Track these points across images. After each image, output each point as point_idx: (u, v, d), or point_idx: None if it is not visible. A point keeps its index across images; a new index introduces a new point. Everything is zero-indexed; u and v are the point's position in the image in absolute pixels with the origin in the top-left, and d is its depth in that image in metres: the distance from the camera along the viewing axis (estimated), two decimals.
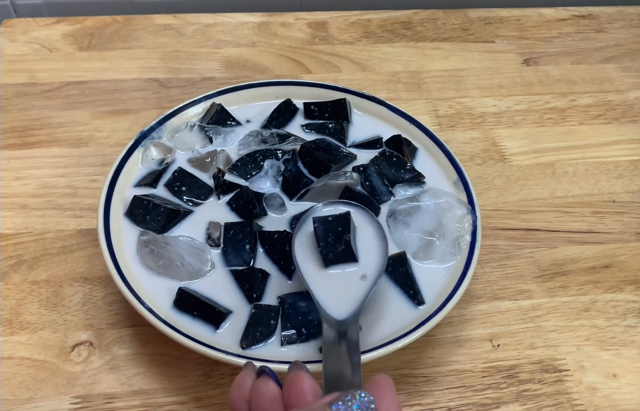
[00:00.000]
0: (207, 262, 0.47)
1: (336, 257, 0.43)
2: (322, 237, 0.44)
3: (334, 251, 0.43)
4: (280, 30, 0.78)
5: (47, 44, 0.74)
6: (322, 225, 0.44)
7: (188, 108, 0.59)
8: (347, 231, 0.44)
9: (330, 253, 0.43)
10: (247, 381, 0.31)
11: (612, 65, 0.77)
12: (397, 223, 0.50)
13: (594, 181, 0.62)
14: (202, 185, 0.53)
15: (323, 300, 0.41)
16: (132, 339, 0.47)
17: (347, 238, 0.43)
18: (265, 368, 0.31)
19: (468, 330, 0.49)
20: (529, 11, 0.85)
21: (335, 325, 0.39)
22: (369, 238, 0.45)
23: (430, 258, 0.48)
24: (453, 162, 0.55)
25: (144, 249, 0.47)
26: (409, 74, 0.73)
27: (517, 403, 0.45)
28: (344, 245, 0.43)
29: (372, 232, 0.45)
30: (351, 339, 0.37)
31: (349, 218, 0.45)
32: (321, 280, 0.43)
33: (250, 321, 0.43)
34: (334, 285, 0.43)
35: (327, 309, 0.41)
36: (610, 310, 0.51)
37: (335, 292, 0.42)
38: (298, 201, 0.52)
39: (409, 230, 0.49)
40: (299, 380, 0.30)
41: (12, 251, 0.52)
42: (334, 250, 0.43)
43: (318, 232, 0.44)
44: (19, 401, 0.44)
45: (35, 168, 0.59)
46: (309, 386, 0.30)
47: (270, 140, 0.56)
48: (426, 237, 0.49)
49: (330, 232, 0.44)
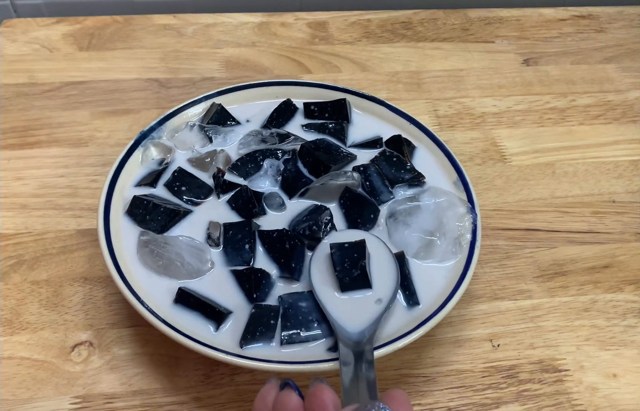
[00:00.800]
0: (207, 261, 0.47)
1: (352, 282, 0.45)
2: (339, 262, 0.45)
3: (350, 276, 0.45)
4: (280, 30, 0.78)
5: (47, 44, 0.74)
6: (339, 251, 0.46)
7: (188, 108, 0.59)
8: (363, 257, 0.45)
9: (346, 278, 0.45)
10: (271, 393, 0.33)
11: (612, 65, 0.77)
12: (397, 224, 0.50)
13: (594, 181, 0.62)
14: (201, 184, 0.53)
15: (340, 321, 0.43)
16: (132, 339, 0.47)
17: (362, 263, 0.45)
18: (289, 382, 0.33)
19: (468, 330, 0.49)
20: (529, 11, 0.85)
21: (351, 346, 0.40)
22: (382, 264, 0.47)
23: (431, 257, 0.48)
24: (453, 162, 0.55)
25: (143, 249, 0.47)
26: (409, 74, 0.73)
27: (517, 403, 0.45)
28: (360, 270, 0.45)
29: (384, 258, 0.47)
30: (367, 358, 0.39)
31: (364, 245, 0.46)
32: (337, 303, 0.44)
33: (250, 321, 0.43)
34: (349, 308, 0.44)
35: (344, 329, 0.42)
36: (610, 310, 0.51)
37: (350, 314, 0.43)
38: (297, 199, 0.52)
39: (409, 230, 0.49)
40: (321, 392, 0.31)
41: (12, 251, 0.52)
42: (350, 275, 0.45)
43: (335, 258, 0.45)
44: (19, 401, 0.44)
45: (35, 168, 0.59)
46: (330, 398, 0.31)
47: (270, 139, 0.56)
48: (427, 237, 0.49)
49: (346, 257, 0.45)
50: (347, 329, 0.42)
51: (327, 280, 0.45)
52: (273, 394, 0.33)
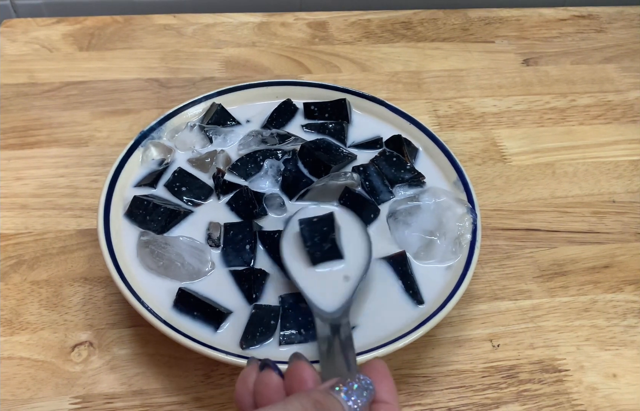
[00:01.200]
0: (207, 262, 0.47)
1: (323, 255, 0.45)
2: (309, 237, 0.46)
3: (321, 250, 0.45)
4: (280, 31, 0.78)
5: (47, 44, 0.74)
6: (308, 226, 0.46)
7: (188, 108, 0.59)
8: (332, 230, 0.46)
9: (317, 252, 0.45)
10: (252, 375, 0.33)
11: (612, 65, 0.77)
12: (397, 223, 0.50)
13: (594, 181, 0.62)
14: (202, 185, 0.53)
15: (313, 296, 0.43)
16: (132, 339, 0.47)
17: (332, 236, 0.45)
18: (268, 362, 0.33)
19: (468, 330, 0.49)
20: (529, 11, 0.85)
21: (327, 320, 0.40)
22: (353, 236, 0.47)
23: (431, 257, 0.48)
24: (453, 162, 0.55)
25: (144, 249, 0.47)
26: (409, 74, 0.73)
27: (517, 403, 0.45)
28: (330, 243, 0.45)
29: (355, 230, 0.48)
30: (344, 333, 0.39)
31: (332, 218, 0.47)
32: (310, 278, 0.44)
33: (250, 322, 0.43)
34: (322, 282, 0.44)
35: (318, 304, 0.42)
36: (610, 310, 0.51)
37: (324, 288, 0.44)
38: (298, 201, 0.52)
39: (409, 229, 0.49)
40: (300, 369, 0.31)
41: (12, 251, 0.52)
42: (320, 249, 0.45)
43: (304, 233, 0.46)
44: (19, 402, 0.44)
45: (35, 168, 0.59)
46: (309, 374, 0.31)
47: (270, 140, 0.56)
48: (427, 237, 0.49)
49: (315, 232, 0.46)
50: (321, 303, 0.42)
51: (299, 255, 0.46)
52: (254, 376, 0.33)
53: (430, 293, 0.46)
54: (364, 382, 0.30)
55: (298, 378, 0.31)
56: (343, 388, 0.29)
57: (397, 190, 0.53)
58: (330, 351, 0.37)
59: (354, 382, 0.30)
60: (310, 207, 0.50)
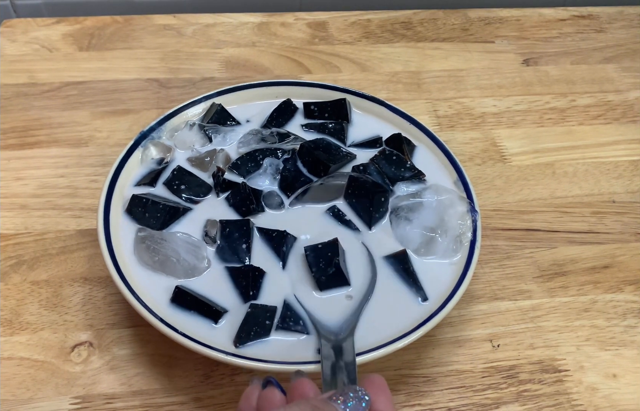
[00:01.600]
0: (203, 258, 0.47)
1: (328, 281, 0.46)
2: (314, 262, 0.46)
3: (326, 274, 0.46)
4: (280, 31, 0.78)
5: (47, 44, 0.74)
6: (313, 253, 0.47)
7: (188, 108, 0.59)
8: (336, 255, 0.46)
9: (322, 277, 0.46)
10: (255, 393, 0.34)
11: (612, 65, 0.77)
12: (399, 219, 0.50)
13: (593, 181, 0.62)
14: (201, 183, 0.53)
15: (319, 318, 0.44)
16: (132, 339, 0.47)
17: (336, 261, 0.46)
18: (271, 379, 0.34)
19: (468, 330, 0.49)
20: (528, 11, 0.85)
21: (331, 341, 0.41)
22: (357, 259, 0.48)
23: (431, 254, 0.48)
24: (453, 162, 0.55)
25: (140, 245, 0.47)
26: (408, 74, 0.73)
27: (517, 403, 0.45)
28: (334, 268, 0.46)
29: (359, 253, 0.49)
30: (347, 353, 0.40)
31: (336, 244, 0.47)
32: (315, 301, 0.45)
33: (245, 320, 0.43)
34: (326, 305, 0.45)
35: (323, 325, 0.43)
36: (610, 310, 0.51)
37: (328, 310, 0.45)
38: (297, 201, 0.52)
39: (410, 225, 0.50)
40: (302, 386, 0.32)
41: (12, 251, 0.52)
42: (325, 273, 0.46)
43: (310, 259, 0.47)
44: (19, 402, 0.44)
45: (35, 169, 0.59)
46: (311, 390, 0.32)
47: (270, 139, 0.56)
48: (428, 233, 0.49)
49: (321, 258, 0.47)
50: (325, 325, 0.43)
51: (305, 279, 0.47)
52: (257, 393, 0.34)
53: (434, 290, 0.46)
54: (361, 394, 0.31)
55: (300, 393, 0.32)
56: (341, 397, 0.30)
57: (399, 187, 0.53)
58: (333, 372, 0.38)
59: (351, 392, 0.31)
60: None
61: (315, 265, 0.46)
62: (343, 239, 0.48)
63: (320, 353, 0.40)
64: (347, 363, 0.39)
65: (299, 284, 0.46)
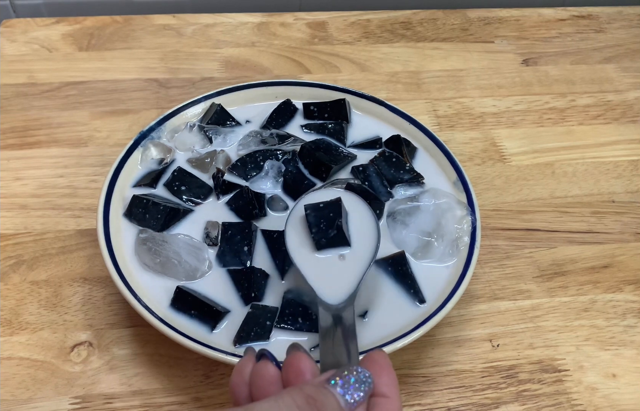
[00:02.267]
0: (205, 260, 0.47)
1: (329, 242, 0.43)
2: (314, 222, 0.44)
3: (327, 236, 0.43)
4: (280, 31, 0.78)
5: (46, 44, 0.74)
6: (314, 212, 0.45)
7: (187, 108, 0.58)
8: (339, 216, 0.44)
9: (322, 239, 0.43)
10: (248, 366, 0.31)
11: (611, 65, 0.77)
12: (395, 223, 0.50)
13: (593, 181, 0.62)
14: (201, 184, 0.53)
15: (317, 285, 0.42)
16: (131, 339, 0.47)
17: (338, 222, 0.43)
18: (265, 352, 0.32)
19: (468, 330, 0.49)
20: (528, 11, 0.85)
21: (330, 309, 0.39)
22: (361, 222, 0.45)
23: (428, 257, 0.48)
24: (452, 162, 0.55)
25: (141, 247, 0.47)
26: (408, 74, 0.73)
27: (516, 403, 0.45)
28: (336, 230, 0.43)
29: (363, 216, 0.46)
30: (347, 323, 0.37)
31: (339, 203, 0.45)
32: (315, 266, 0.43)
33: (245, 321, 0.43)
34: (327, 270, 0.43)
35: (322, 293, 0.41)
36: (610, 310, 0.51)
37: (329, 276, 0.42)
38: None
39: (407, 230, 0.49)
40: (297, 360, 0.30)
41: (11, 251, 0.52)
42: (326, 235, 0.43)
43: (310, 219, 0.44)
44: (19, 402, 0.44)
45: (35, 169, 0.59)
46: (307, 366, 0.30)
47: (270, 140, 0.56)
48: (424, 238, 0.49)
49: (322, 218, 0.44)
50: (325, 291, 0.41)
51: (304, 242, 0.44)
52: (250, 366, 0.31)
53: (430, 293, 0.46)
54: (362, 375, 0.28)
55: (295, 369, 0.30)
56: (339, 381, 0.28)
57: (397, 190, 0.53)
58: (332, 341, 0.36)
59: (351, 375, 0.28)
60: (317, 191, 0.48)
61: (316, 226, 0.44)
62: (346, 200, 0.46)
63: (319, 322, 0.38)
64: (346, 334, 0.36)
65: (297, 248, 0.44)
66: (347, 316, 0.38)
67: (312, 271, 0.43)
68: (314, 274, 0.42)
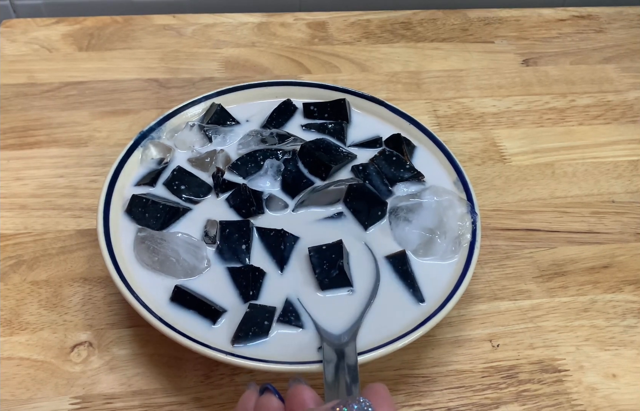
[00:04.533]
0: (203, 259, 0.47)
1: (332, 282, 0.46)
2: (318, 264, 0.46)
3: (329, 276, 0.46)
4: (280, 31, 0.78)
5: (46, 44, 0.74)
6: (317, 254, 0.47)
7: (188, 108, 0.58)
8: (340, 257, 0.46)
9: (325, 279, 0.46)
10: (252, 399, 0.33)
11: (611, 65, 0.77)
12: (398, 220, 0.50)
13: (593, 181, 0.62)
14: (201, 183, 0.53)
15: (321, 321, 0.44)
16: (131, 339, 0.47)
17: (340, 263, 0.46)
18: (268, 386, 0.33)
19: (468, 330, 0.49)
20: (528, 11, 0.85)
21: (333, 345, 0.41)
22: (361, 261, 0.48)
23: (430, 255, 0.48)
24: (453, 162, 0.55)
25: (140, 245, 0.47)
26: (408, 74, 0.73)
27: (516, 403, 0.45)
28: (338, 270, 0.46)
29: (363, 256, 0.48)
30: (349, 358, 0.39)
31: (341, 245, 0.47)
32: (318, 303, 0.45)
33: (243, 320, 0.43)
34: (330, 308, 0.45)
35: (326, 329, 0.43)
36: (610, 310, 0.51)
37: (331, 313, 0.45)
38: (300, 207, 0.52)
39: (410, 226, 0.50)
40: (300, 392, 0.32)
41: (11, 251, 0.52)
42: (329, 276, 0.46)
43: (313, 261, 0.47)
44: (19, 402, 0.44)
45: (35, 169, 0.59)
46: (310, 396, 0.32)
47: (270, 140, 0.56)
48: (427, 234, 0.49)
49: (325, 259, 0.47)
50: (328, 329, 0.43)
51: (308, 281, 0.46)
52: (253, 400, 0.33)
53: (431, 291, 0.46)
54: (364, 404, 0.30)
55: (299, 400, 0.31)
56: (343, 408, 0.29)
57: (399, 187, 0.53)
58: (335, 376, 0.38)
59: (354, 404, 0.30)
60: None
61: (319, 267, 0.46)
62: (347, 241, 0.48)
63: (323, 356, 0.40)
64: (349, 367, 0.38)
65: (301, 286, 0.46)
66: (349, 353, 0.40)
67: (316, 309, 0.45)
68: (317, 312, 0.45)
